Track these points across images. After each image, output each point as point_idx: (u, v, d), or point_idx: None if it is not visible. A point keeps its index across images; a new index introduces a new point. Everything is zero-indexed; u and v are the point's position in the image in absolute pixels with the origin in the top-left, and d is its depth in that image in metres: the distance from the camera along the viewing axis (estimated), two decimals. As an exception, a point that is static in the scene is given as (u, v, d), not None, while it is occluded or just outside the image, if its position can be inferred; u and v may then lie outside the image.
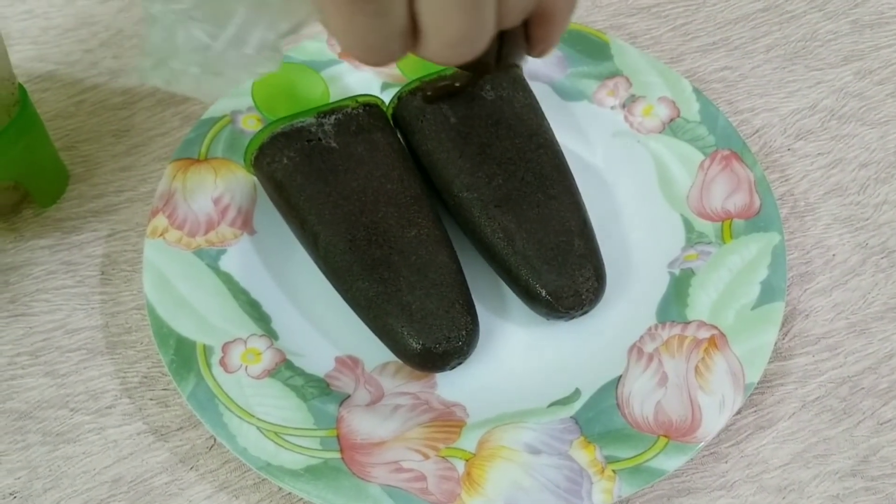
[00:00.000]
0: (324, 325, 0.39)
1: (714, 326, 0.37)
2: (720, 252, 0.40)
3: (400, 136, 0.41)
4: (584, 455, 0.34)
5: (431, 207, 0.38)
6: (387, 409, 0.36)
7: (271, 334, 0.38)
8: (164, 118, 0.46)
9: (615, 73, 0.45)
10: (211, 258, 0.39)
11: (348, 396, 0.36)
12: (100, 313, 0.40)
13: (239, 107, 0.43)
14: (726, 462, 0.36)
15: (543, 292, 0.37)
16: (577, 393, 0.37)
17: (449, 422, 0.36)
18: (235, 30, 0.26)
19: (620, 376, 0.37)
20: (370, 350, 0.37)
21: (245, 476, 0.36)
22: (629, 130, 0.44)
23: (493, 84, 0.40)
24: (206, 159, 0.42)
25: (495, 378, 0.37)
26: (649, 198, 0.42)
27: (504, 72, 0.41)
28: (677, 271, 0.40)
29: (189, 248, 0.39)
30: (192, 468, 0.36)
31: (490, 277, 0.39)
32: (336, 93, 0.44)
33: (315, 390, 0.36)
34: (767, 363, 0.37)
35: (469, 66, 0.27)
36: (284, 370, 0.37)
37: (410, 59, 0.39)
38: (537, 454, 0.34)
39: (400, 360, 0.36)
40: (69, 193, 0.43)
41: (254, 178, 0.41)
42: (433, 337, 0.35)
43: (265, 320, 0.38)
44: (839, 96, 0.48)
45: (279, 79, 0.42)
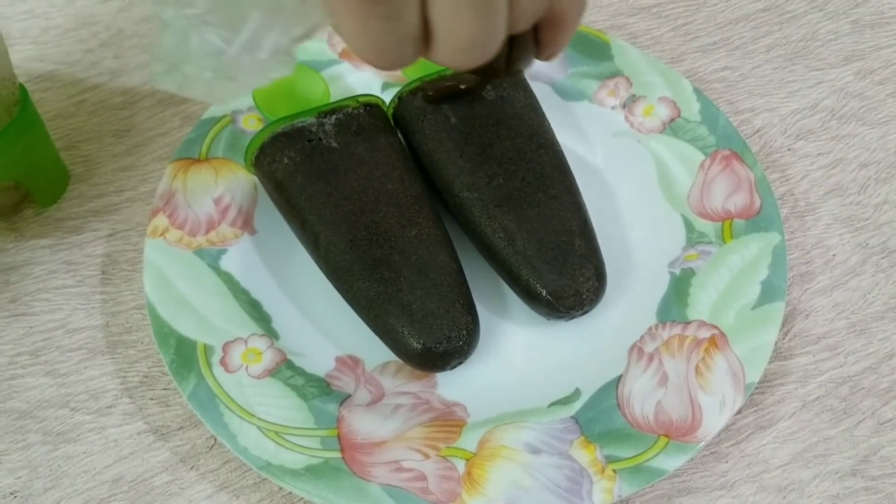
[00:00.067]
0: (324, 325, 0.39)
1: (714, 326, 0.37)
2: (720, 252, 0.40)
3: (400, 136, 0.41)
4: (585, 455, 0.34)
5: (432, 207, 0.38)
6: (387, 409, 0.36)
7: (272, 334, 0.38)
8: (165, 118, 0.46)
9: (616, 73, 0.45)
10: (211, 258, 0.39)
11: (349, 396, 0.36)
12: (100, 313, 0.40)
13: (239, 107, 0.43)
14: (726, 462, 0.36)
15: (544, 292, 0.37)
16: (578, 393, 0.37)
17: (449, 421, 0.36)
18: (250, 34, 0.26)
19: (621, 376, 0.37)
20: (371, 350, 0.37)
21: (245, 476, 0.36)
22: (630, 130, 0.44)
23: (494, 84, 0.40)
24: (207, 159, 0.42)
25: (496, 378, 0.37)
26: (650, 198, 0.42)
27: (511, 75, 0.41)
28: (678, 271, 0.40)
29: (190, 248, 0.39)
30: (193, 468, 0.36)
31: (491, 277, 0.39)
32: (337, 93, 0.44)
33: (315, 390, 0.36)
34: (768, 363, 0.37)
35: (479, 70, 0.27)
36: (285, 370, 0.37)
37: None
38: (538, 454, 0.34)
39: (400, 360, 0.36)
40: (70, 193, 0.43)
41: (254, 178, 0.42)
42: (434, 337, 0.35)
43: (266, 320, 0.38)
44: (840, 96, 0.48)
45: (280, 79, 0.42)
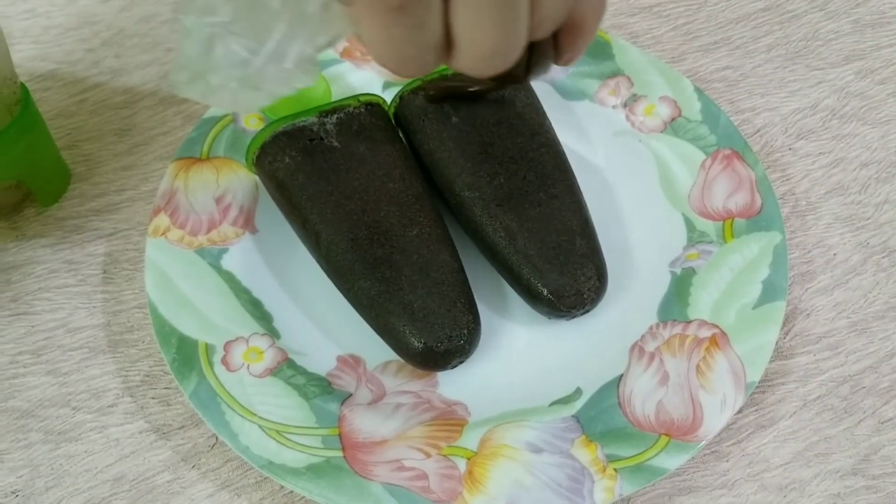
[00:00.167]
0: (325, 324, 0.39)
1: (715, 325, 0.38)
2: (721, 251, 0.40)
3: (402, 136, 0.41)
4: (586, 454, 0.34)
5: (433, 206, 0.38)
6: (388, 408, 0.36)
7: (273, 333, 0.38)
8: (166, 117, 0.46)
9: (617, 73, 0.45)
10: (213, 257, 0.39)
11: (350, 395, 0.36)
12: (101, 312, 0.40)
13: (241, 106, 0.43)
14: (727, 461, 0.36)
15: (545, 291, 0.37)
16: (579, 392, 0.37)
17: (450, 420, 0.36)
18: (275, 45, 0.26)
19: (622, 375, 0.37)
20: (372, 349, 0.37)
21: (247, 475, 0.36)
22: (631, 130, 0.44)
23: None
24: (208, 158, 0.42)
25: (497, 377, 0.37)
26: (651, 197, 0.42)
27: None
28: (678, 270, 0.40)
29: (191, 247, 0.39)
30: (194, 467, 0.36)
31: (492, 276, 0.39)
32: (338, 92, 0.44)
33: (317, 389, 0.36)
34: (768, 362, 0.37)
35: (498, 77, 0.27)
36: (286, 369, 0.37)
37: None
38: (539, 453, 0.34)
39: (402, 359, 0.36)
40: (71, 192, 0.43)
41: (255, 178, 0.42)
42: (435, 336, 0.35)
43: (267, 319, 0.38)
44: (840, 96, 0.48)
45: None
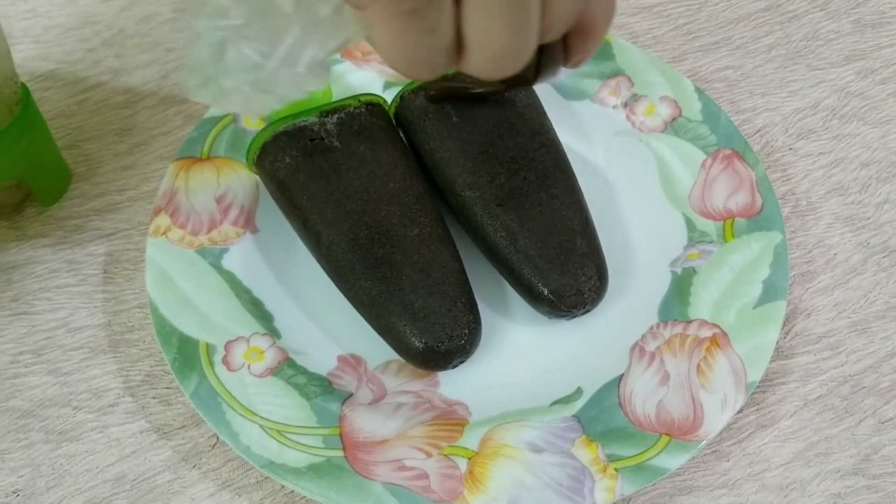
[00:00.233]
0: (326, 324, 0.39)
1: (716, 325, 0.38)
2: (722, 251, 0.40)
3: (402, 136, 0.41)
4: (587, 453, 0.34)
5: (434, 206, 0.38)
6: (389, 408, 0.36)
7: (274, 333, 0.38)
8: (167, 117, 0.46)
9: (617, 73, 0.45)
10: (213, 257, 0.39)
11: (351, 395, 0.36)
12: (102, 312, 0.40)
13: (241, 106, 0.43)
14: (728, 460, 0.36)
15: (546, 291, 0.37)
16: (580, 391, 0.37)
17: (451, 420, 0.36)
18: (287, 48, 0.26)
19: (622, 375, 0.37)
20: (373, 348, 0.37)
21: (248, 474, 0.36)
22: (631, 129, 0.44)
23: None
24: (209, 158, 0.42)
25: (497, 377, 0.37)
26: (651, 197, 0.42)
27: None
28: (679, 270, 0.40)
29: (191, 247, 0.39)
30: (195, 466, 0.36)
31: (492, 276, 0.39)
32: (338, 92, 0.44)
33: (318, 388, 0.36)
34: (769, 362, 0.37)
35: (508, 80, 0.27)
36: (287, 368, 0.37)
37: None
38: (540, 452, 0.34)
39: (402, 359, 0.36)
40: (71, 192, 0.43)
41: (256, 177, 0.42)
42: (436, 335, 0.35)
43: (268, 319, 0.38)
44: (841, 96, 0.48)
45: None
